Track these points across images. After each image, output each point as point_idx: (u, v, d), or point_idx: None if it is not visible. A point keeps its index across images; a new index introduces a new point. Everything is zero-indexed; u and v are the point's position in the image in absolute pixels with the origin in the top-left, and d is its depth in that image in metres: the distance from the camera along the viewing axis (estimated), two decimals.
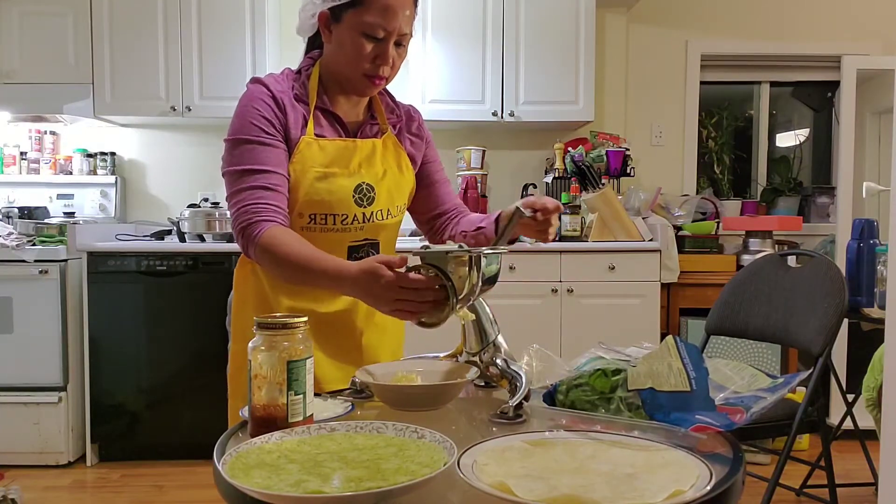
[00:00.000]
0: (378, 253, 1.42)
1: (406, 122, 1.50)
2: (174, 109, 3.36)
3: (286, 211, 1.29)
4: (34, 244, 3.10)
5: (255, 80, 1.34)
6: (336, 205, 1.33)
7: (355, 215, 1.36)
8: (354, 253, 1.38)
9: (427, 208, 1.56)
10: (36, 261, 3.04)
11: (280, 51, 3.55)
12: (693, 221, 3.55)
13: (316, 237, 1.33)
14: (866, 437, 2.57)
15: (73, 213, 3.63)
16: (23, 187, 3.69)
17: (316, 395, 1.09)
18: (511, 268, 3.09)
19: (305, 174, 1.31)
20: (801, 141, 4.18)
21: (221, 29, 3.37)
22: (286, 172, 1.30)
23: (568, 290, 3.13)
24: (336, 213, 1.34)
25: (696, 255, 3.39)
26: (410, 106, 1.54)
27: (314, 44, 1.42)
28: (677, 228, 3.45)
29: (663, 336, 2.17)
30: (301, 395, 0.95)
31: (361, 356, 1.43)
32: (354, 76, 1.31)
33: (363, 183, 1.36)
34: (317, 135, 1.34)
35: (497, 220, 1.38)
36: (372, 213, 1.38)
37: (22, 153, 3.72)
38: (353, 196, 1.35)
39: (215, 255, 3.07)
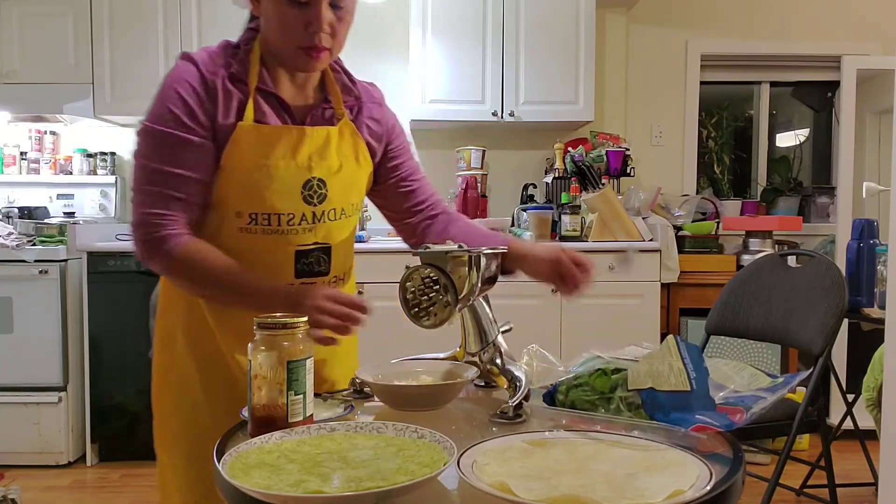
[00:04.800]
0: (329, 259, 1.26)
1: (366, 104, 1.31)
2: None
3: (195, 222, 1.17)
4: (34, 244, 3.10)
5: (185, 57, 1.16)
6: (280, 203, 1.17)
7: (304, 214, 1.19)
8: (303, 259, 1.22)
9: (402, 205, 1.38)
10: (36, 261, 3.04)
11: None
12: (693, 221, 3.55)
13: (257, 240, 1.18)
14: (866, 437, 2.57)
15: (73, 213, 3.63)
16: (23, 187, 3.69)
17: (316, 395, 1.10)
18: None
19: (244, 166, 1.15)
20: (801, 141, 4.18)
21: (221, 29, 3.37)
22: (204, 175, 1.14)
23: None
24: (280, 213, 1.17)
25: (696, 255, 3.39)
26: (371, 84, 1.34)
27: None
28: (677, 228, 3.45)
29: (663, 336, 2.17)
30: (301, 395, 0.95)
31: None
32: (289, 50, 1.15)
33: (313, 178, 1.19)
34: (257, 121, 1.17)
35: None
36: (323, 212, 1.21)
37: (22, 153, 3.72)
38: (302, 192, 1.18)
39: None
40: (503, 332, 1.23)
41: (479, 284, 1.13)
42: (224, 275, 1.13)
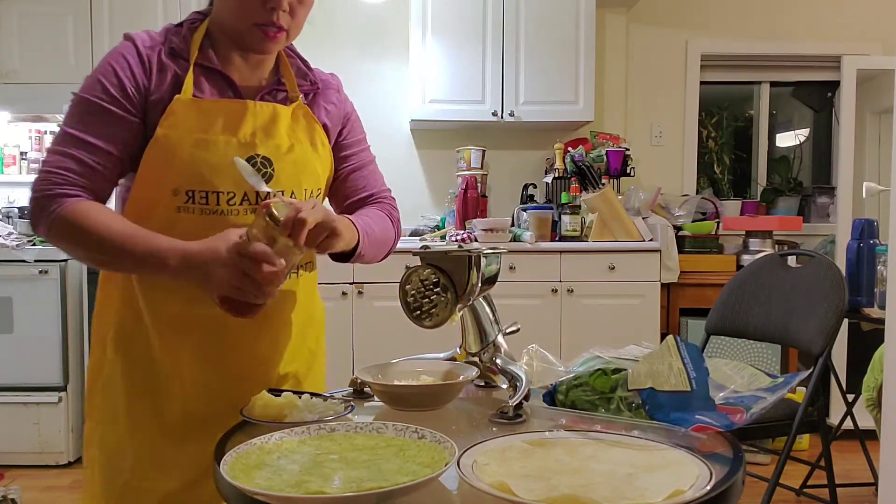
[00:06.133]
0: None
1: (322, 90, 1.25)
2: None
3: (103, 194, 1.10)
4: (34, 244, 3.10)
5: (126, 37, 1.13)
6: (220, 180, 1.09)
7: (245, 194, 1.11)
8: None
9: (347, 194, 1.29)
10: (36, 261, 3.04)
11: None
12: (693, 221, 3.55)
13: (195, 220, 1.10)
14: (866, 437, 2.57)
15: None
16: (23, 187, 3.68)
17: (316, 395, 1.10)
18: (511, 268, 3.10)
19: (180, 140, 1.09)
20: (801, 141, 4.18)
21: None
22: (119, 150, 1.08)
23: (568, 290, 3.13)
24: (220, 191, 1.10)
25: (696, 255, 3.39)
26: (332, 74, 1.30)
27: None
28: (677, 228, 3.45)
29: (663, 336, 2.17)
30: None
31: (256, 374, 1.18)
32: (244, 27, 1.10)
33: (257, 155, 1.12)
34: (195, 96, 1.11)
35: None
36: (268, 194, 1.12)
37: (22, 153, 3.72)
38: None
39: None
40: (510, 333, 1.23)
41: (479, 284, 1.13)
42: (118, 234, 1.02)
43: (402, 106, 3.68)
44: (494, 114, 3.42)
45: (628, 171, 3.50)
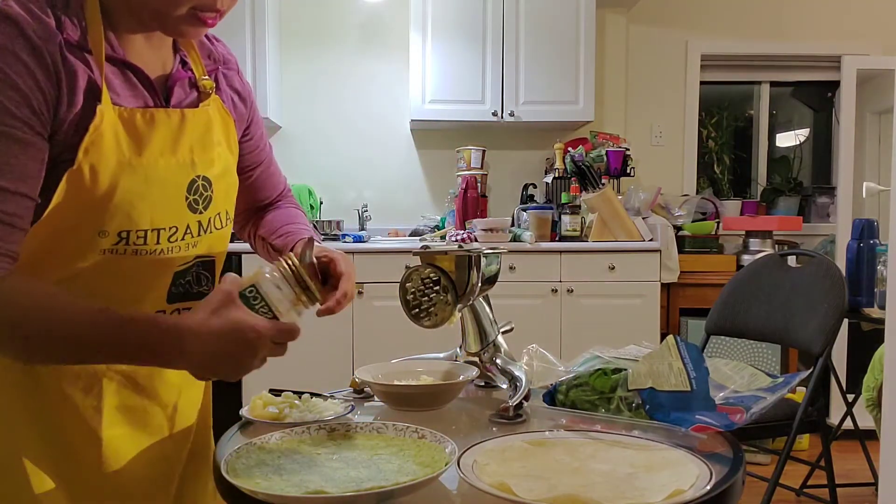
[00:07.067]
0: (213, 276, 0.98)
1: (224, 70, 1.02)
2: None
3: (17, 254, 0.79)
4: None
5: (2, 14, 0.77)
6: (161, 215, 0.88)
7: (188, 226, 0.91)
8: (181, 279, 0.93)
9: (257, 197, 1.13)
10: None
11: (280, 51, 3.55)
12: (693, 221, 3.56)
13: (124, 263, 0.87)
14: (866, 437, 2.57)
15: None
16: None
17: (316, 395, 1.10)
18: (511, 268, 3.09)
19: (111, 172, 0.83)
20: (801, 141, 4.18)
21: (220, 29, 3.35)
22: (32, 190, 0.79)
23: (568, 290, 3.13)
24: (161, 228, 0.88)
25: (696, 255, 3.39)
26: (222, 45, 1.05)
27: None
28: (677, 228, 3.45)
29: (663, 336, 2.17)
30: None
31: (173, 426, 0.98)
32: (176, 11, 0.83)
33: (199, 177, 0.91)
34: (116, 104, 0.85)
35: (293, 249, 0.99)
36: (209, 220, 0.94)
37: None
38: (187, 198, 0.90)
39: None
40: (504, 332, 1.23)
41: (479, 284, 1.14)
42: (86, 318, 0.77)
43: (402, 106, 3.68)
44: (494, 114, 3.42)
45: (628, 171, 3.50)
